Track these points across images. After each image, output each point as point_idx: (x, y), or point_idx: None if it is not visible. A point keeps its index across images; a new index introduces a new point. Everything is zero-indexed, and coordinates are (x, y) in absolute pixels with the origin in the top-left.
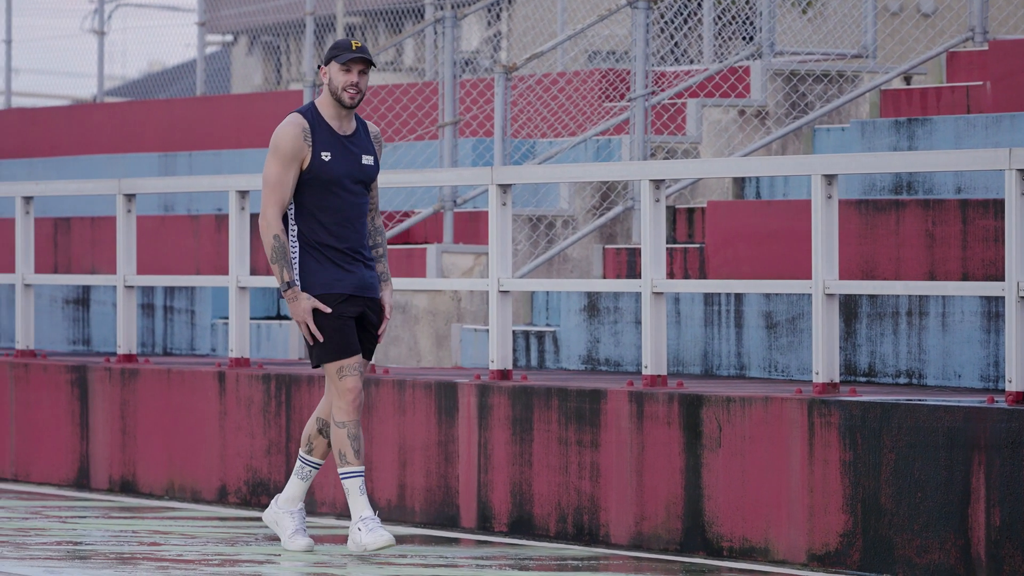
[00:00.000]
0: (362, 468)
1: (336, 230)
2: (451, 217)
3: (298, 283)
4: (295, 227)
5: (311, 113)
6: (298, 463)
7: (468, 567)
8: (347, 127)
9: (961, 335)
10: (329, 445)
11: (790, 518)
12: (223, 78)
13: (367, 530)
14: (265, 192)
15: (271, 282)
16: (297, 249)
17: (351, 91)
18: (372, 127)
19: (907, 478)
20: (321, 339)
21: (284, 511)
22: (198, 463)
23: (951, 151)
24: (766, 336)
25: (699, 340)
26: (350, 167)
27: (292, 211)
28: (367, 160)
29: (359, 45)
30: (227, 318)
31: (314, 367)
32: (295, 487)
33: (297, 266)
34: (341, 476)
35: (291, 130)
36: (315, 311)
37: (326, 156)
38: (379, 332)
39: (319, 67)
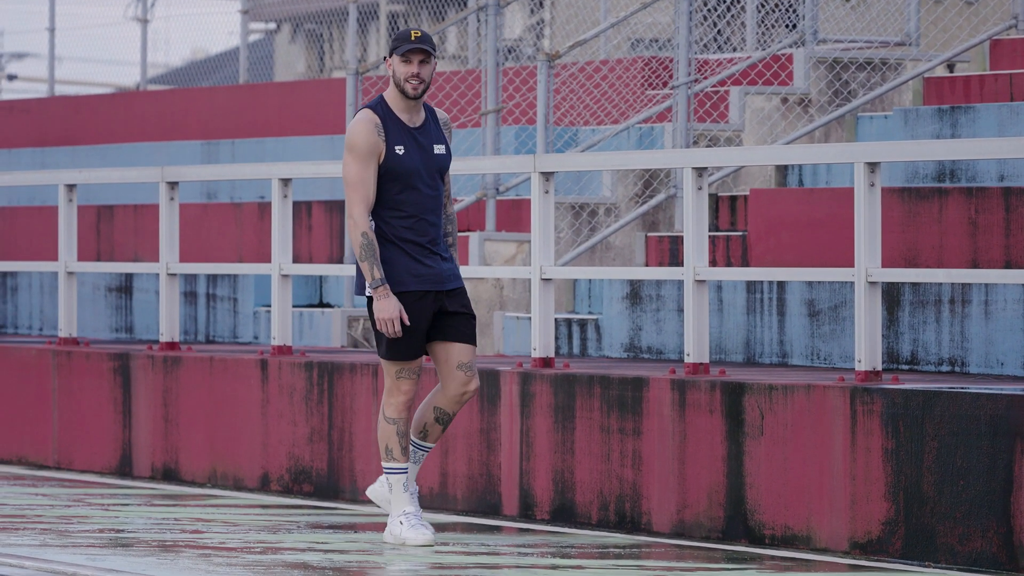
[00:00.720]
0: (407, 466)
1: (414, 224)
2: (493, 205)
3: (387, 282)
4: (372, 223)
5: (381, 107)
6: (411, 451)
7: (510, 555)
8: (416, 119)
9: (1004, 323)
10: (444, 431)
11: (832, 506)
12: (266, 66)
13: (409, 525)
14: (348, 192)
15: (313, 270)
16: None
17: (413, 82)
18: (441, 114)
19: (949, 466)
20: (400, 336)
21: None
22: (240, 451)
23: (994, 139)
24: (808, 324)
25: (741, 328)
26: (424, 159)
27: None
28: (439, 150)
29: (419, 35)
30: (269, 306)
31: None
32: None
33: None
34: (386, 471)
35: (364, 126)
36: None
37: (400, 150)
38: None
39: (385, 58)
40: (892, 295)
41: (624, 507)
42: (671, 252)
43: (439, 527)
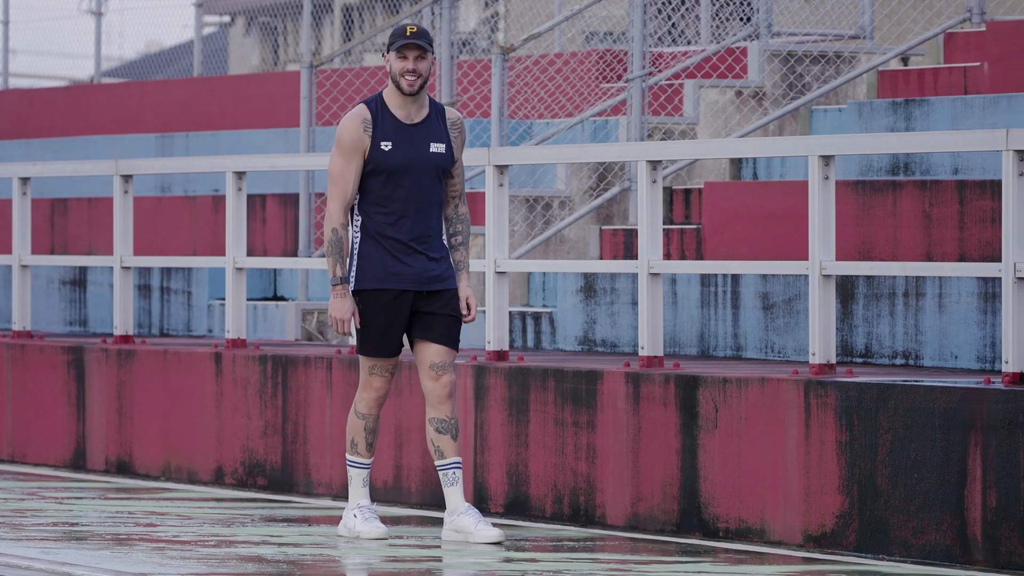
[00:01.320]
0: (369, 462)
1: (399, 221)
2: None
3: (348, 281)
4: (358, 217)
5: (376, 103)
6: (440, 474)
7: (464, 547)
8: (415, 115)
9: (958, 316)
10: (454, 438)
11: (786, 499)
12: (220, 59)
13: (363, 519)
14: (329, 185)
15: (268, 263)
16: (359, 239)
17: (409, 78)
18: (451, 113)
19: (903, 459)
20: (353, 337)
21: (459, 514)
22: (194, 444)
23: (948, 132)
24: (763, 317)
25: (696, 321)
26: (414, 157)
27: (356, 200)
28: (436, 148)
29: (414, 31)
30: (224, 299)
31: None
32: (453, 495)
33: (357, 257)
34: (349, 464)
35: (351, 122)
36: (360, 309)
37: (386, 146)
38: (468, 319)
39: (383, 54)
40: (846, 288)
41: (578, 500)
42: (625, 245)
43: (393, 520)
